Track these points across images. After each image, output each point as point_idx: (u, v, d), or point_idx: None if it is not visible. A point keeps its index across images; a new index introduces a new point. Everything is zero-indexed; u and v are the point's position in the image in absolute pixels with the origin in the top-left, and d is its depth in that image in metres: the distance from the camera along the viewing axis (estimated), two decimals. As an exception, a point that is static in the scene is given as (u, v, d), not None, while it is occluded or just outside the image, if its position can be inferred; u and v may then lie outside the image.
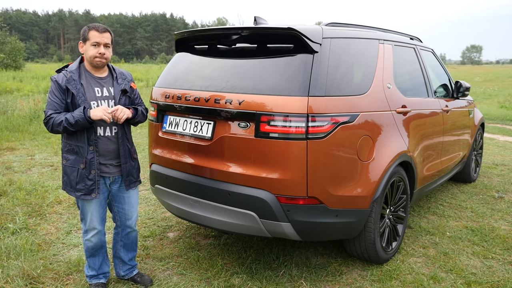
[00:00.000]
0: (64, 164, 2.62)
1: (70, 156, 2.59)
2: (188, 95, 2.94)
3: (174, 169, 3.07)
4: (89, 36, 2.51)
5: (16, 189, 4.80)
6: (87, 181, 2.57)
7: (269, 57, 2.82)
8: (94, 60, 2.53)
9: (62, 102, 2.50)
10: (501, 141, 8.92)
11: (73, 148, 2.57)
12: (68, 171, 2.60)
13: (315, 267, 3.16)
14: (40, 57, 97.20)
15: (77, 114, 2.45)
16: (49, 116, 2.48)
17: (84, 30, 2.55)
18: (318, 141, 2.56)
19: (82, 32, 2.55)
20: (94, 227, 2.69)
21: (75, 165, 2.57)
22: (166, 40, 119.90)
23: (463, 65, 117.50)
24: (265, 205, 2.62)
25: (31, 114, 9.61)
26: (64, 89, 2.50)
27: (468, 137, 5.09)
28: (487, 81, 35.07)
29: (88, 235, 2.72)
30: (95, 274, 2.79)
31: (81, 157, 2.56)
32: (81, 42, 2.56)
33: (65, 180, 2.64)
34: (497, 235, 3.77)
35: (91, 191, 2.58)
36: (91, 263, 2.78)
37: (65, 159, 2.61)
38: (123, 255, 2.89)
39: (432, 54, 4.58)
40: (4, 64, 31.06)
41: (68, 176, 2.61)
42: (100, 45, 2.51)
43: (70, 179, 2.60)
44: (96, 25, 2.53)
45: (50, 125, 2.48)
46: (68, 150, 2.60)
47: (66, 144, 2.61)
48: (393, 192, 3.24)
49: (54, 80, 2.50)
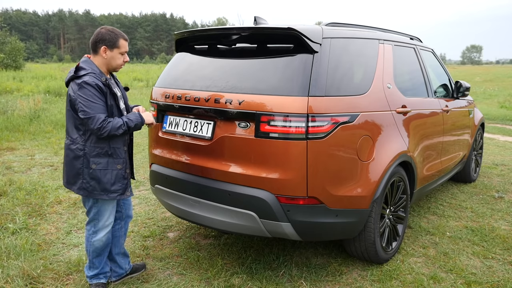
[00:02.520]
0: (93, 169, 2.51)
1: (101, 160, 2.53)
2: (188, 95, 2.94)
3: (174, 169, 3.07)
4: (119, 45, 2.55)
5: (16, 189, 4.80)
6: (123, 180, 2.63)
7: (269, 57, 2.82)
8: (118, 66, 2.61)
9: (105, 105, 2.49)
10: (501, 141, 8.92)
11: (106, 151, 2.53)
12: (99, 175, 2.53)
13: (315, 267, 3.16)
14: (40, 57, 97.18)
15: (135, 118, 2.56)
16: (104, 120, 2.42)
17: (111, 36, 2.52)
18: (318, 141, 2.56)
19: (109, 38, 2.52)
20: (111, 223, 2.73)
21: (109, 167, 2.55)
22: (166, 40, 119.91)
23: (463, 65, 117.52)
24: (265, 205, 2.62)
25: (31, 114, 9.60)
26: (106, 92, 2.49)
27: (468, 137, 5.09)
28: (487, 81, 35.07)
29: (100, 235, 2.70)
30: (96, 274, 2.78)
31: (116, 158, 2.58)
32: (106, 47, 2.52)
33: (93, 185, 2.53)
34: (497, 235, 3.77)
35: (125, 190, 2.65)
36: (97, 263, 2.76)
37: (95, 164, 2.51)
38: (124, 247, 2.94)
39: (432, 54, 4.58)
40: (4, 64, 31.03)
41: (99, 180, 2.53)
42: (125, 53, 2.62)
43: (102, 182, 2.54)
44: (122, 33, 2.58)
45: (109, 129, 2.43)
46: (99, 154, 2.52)
47: (95, 148, 2.51)
48: (393, 192, 3.24)
49: (94, 84, 2.43)
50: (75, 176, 2.57)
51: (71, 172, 2.59)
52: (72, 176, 2.59)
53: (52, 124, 9.15)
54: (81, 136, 2.52)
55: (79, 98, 2.42)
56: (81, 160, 2.52)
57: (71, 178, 2.60)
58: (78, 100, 2.42)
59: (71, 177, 2.60)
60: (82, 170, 2.53)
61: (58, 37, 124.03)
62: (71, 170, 2.58)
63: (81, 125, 2.52)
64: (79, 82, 2.43)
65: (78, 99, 2.42)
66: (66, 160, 2.62)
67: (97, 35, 2.55)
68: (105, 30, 2.56)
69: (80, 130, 2.53)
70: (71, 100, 2.49)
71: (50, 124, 9.09)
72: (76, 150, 2.53)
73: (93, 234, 2.71)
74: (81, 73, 2.47)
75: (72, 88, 2.48)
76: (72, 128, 2.55)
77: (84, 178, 2.54)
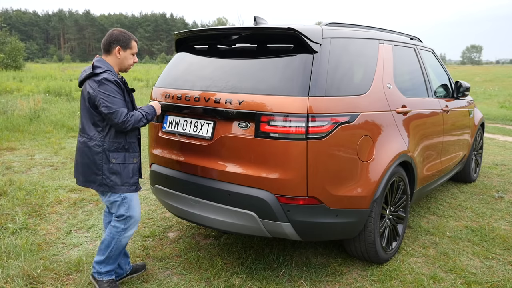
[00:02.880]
0: (113, 163, 2.58)
1: (119, 154, 2.60)
2: (188, 95, 2.95)
3: (174, 169, 3.07)
4: (131, 46, 2.67)
5: (16, 189, 4.80)
6: (138, 173, 2.75)
7: (269, 57, 2.82)
8: (129, 66, 2.71)
9: (124, 100, 2.59)
10: (501, 141, 8.93)
11: (123, 145, 2.62)
12: (118, 169, 2.60)
13: (315, 267, 3.16)
14: (40, 57, 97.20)
15: (150, 111, 2.69)
16: (127, 113, 2.53)
17: (124, 37, 2.64)
18: (318, 141, 2.56)
19: (122, 39, 2.63)
20: (140, 216, 2.77)
21: (127, 161, 2.64)
22: (166, 40, 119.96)
23: (463, 65, 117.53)
24: (265, 205, 2.62)
25: (31, 114, 9.60)
26: (123, 89, 2.59)
27: (468, 137, 5.09)
28: (487, 81, 35.08)
29: (131, 231, 2.74)
30: (109, 270, 2.76)
31: (132, 152, 2.68)
32: (120, 48, 2.62)
33: (113, 180, 2.59)
34: (497, 235, 3.77)
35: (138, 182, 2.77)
36: (114, 259, 2.75)
37: (114, 158, 2.58)
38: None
39: (432, 54, 4.58)
40: (4, 64, 31.03)
41: (120, 174, 2.61)
42: (135, 54, 2.74)
43: (122, 176, 2.62)
44: (133, 36, 2.71)
45: (132, 122, 2.54)
46: (117, 149, 2.60)
47: (113, 143, 2.58)
48: (393, 192, 3.24)
49: (114, 81, 2.51)
50: (95, 173, 2.59)
51: (89, 170, 2.60)
52: (91, 173, 2.60)
53: (52, 124, 9.15)
54: (100, 132, 2.57)
55: (100, 95, 2.48)
56: (100, 156, 2.57)
57: (89, 176, 2.61)
58: (99, 96, 2.48)
59: (89, 175, 2.61)
60: (101, 166, 2.57)
61: (58, 37, 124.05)
62: (90, 168, 2.59)
63: (100, 121, 2.56)
64: (99, 79, 2.50)
65: (99, 95, 2.48)
66: (82, 158, 2.61)
67: (111, 36, 2.63)
68: (118, 31, 2.66)
69: (98, 127, 2.57)
70: (90, 98, 2.53)
71: (50, 124, 9.09)
72: (94, 147, 2.57)
73: (123, 231, 2.71)
74: (98, 71, 2.53)
75: (90, 85, 2.53)
76: (89, 125, 2.59)
77: (104, 174, 2.58)
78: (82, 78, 2.61)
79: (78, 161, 2.67)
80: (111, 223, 2.74)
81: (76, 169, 2.70)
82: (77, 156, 2.67)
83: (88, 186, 2.65)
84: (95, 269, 2.75)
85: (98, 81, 2.49)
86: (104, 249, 2.72)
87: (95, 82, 2.50)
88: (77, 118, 9.96)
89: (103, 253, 2.73)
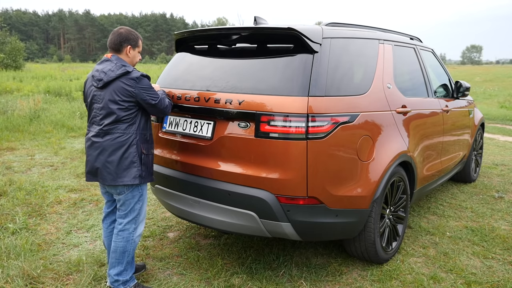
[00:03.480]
0: (144, 154, 2.66)
1: (147, 145, 2.70)
2: (188, 95, 2.95)
3: (174, 169, 3.07)
4: (139, 44, 2.77)
5: (16, 189, 4.80)
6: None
7: (269, 57, 2.82)
8: (135, 64, 2.80)
9: None
10: (501, 141, 8.93)
11: (147, 137, 2.72)
12: (146, 160, 2.68)
13: (315, 267, 3.16)
14: (40, 57, 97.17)
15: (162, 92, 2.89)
16: (163, 97, 2.74)
17: (133, 36, 2.71)
18: (318, 141, 2.56)
19: (132, 38, 2.70)
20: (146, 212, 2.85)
21: (150, 152, 2.73)
22: (166, 40, 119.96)
23: (463, 65, 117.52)
24: (265, 205, 2.62)
25: (31, 114, 9.60)
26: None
27: (468, 137, 5.09)
28: (487, 81, 35.08)
29: (141, 228, 2.79)
30: (132, 274, 2.75)
31: (151, 144, 2.78)
32: (130, 47, 2.69)
33: (144, 171, 2.66)
34: (497, 235, 3.77)
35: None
36: (132, 262, 2.74)
37: (144, 149, 2.66)
38: None
39: (432, 54, 4.58)
40: (4, 64, 31.03)
41: (147, 165, 2.69)
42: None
43: (149, 166, 2.72)
44: (139, 34, 2.79)
45: (167, 103, 2.75)
46: (144, 140, 2.68)
47: (142, 134, 2.67)
48: (393, 192, 3.24)
49: (146, 75, 2.66)
50: (128, 167, 2.59)
51: (122, 164, 2.58)
52: (123, 168, 2.58)
53: (52, 124, 9.15)
54: (131, 125, 2.61)
55: (142, 90, 2.59)
56: (134, 148, 2.61)
57: (123, 172, 2.58)
58: (142, 91, 2.58)
59: (123, 170, 2.58)
60: (136, 158, 2.62)
61: (58, 37, 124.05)
62: (123, 162, 2.58)
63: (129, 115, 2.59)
64: (136, 76, 2.58)
65: (142, 91, 2.58)
66: (113, 156, 2.57)
67: (120, 35, 2.67)
68: (126, 30, 2.70)
69: (130, 120, 2.60)
70: (128, 95, 2.55)
71: (50, 124, 9.09)
72: (127, 140, 2.60)
73: (134, 230, 2.73)
74: (129, 69, 2.60)
75: (126, 83, 2.56)
76: (121, 121, 2.58)
77: (139, 165, 2.63)
78: (111, 78, 2.55)
79: (105, 161, 2.58)
80: (119, 228, 2.71)
81: (103, 170, 2.60)
82: (103, 156, 2.58)
83: (120, 182, 2.59)
84: (119, 282, 2.69)
85: (135, 78, 2.57)
86: (121, 257, 2.69)
87: (132, 80, 2.56)
88: (77, 118, 9.96)
89: (121, 261, 2.69)
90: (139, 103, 2.61)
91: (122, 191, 2.66)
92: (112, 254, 2.71)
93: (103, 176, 2.62)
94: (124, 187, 2.64)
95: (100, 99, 2.59)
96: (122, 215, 2.72)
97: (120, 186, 2.63)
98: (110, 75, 2.56)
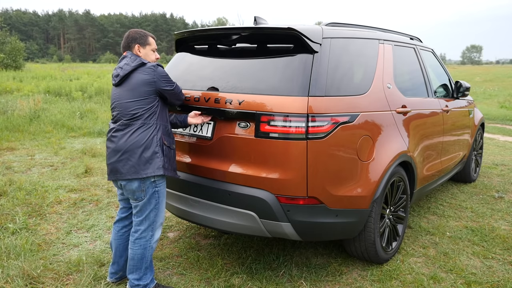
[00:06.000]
0: (166, 146, 2.63)
1: (168, 139, 2.69)
2: (188, 95, 2.95)
3: (174, 169, 3.07)
4: (149, 42, 2.75)
5: (16, 189, 4.80)
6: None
7: (269, 57, 2.82)
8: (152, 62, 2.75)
9: None
10: (501, 141, 8.93)
11: (168, 129, 2.72)
12: (168, 153, 2.66)
13: (315, 267, 3.16)
14: (40, 57, 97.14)
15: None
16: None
17: (140, 35, 2.72)
18: (318, 141, 2.56)
19: (139, 37, 2.71)
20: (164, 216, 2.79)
21: (172, 147, 2.72)
22: (166, 40, 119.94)
23: (463, 65, 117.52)
24: (265, 205, 2.62)
25: (31, 114, 9.60)
26: None
27: (468, 137, 5.09)
28: (487, 81, 35.09)
29: (158, 234, 2.72)
30: (152, 276, 2.73)
31: (173, 138, 2.76)
32: (139, 45, 2.71)
33: (166, 164, 2.62)
34: (497, 235, 3.77)
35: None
36: (151, 265, 2.72)
37: (166, 141, 2.65)
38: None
39: (432, 54, 4.58)
40: (4, 64, 31.00)
41: (169, 158, 2.67)
42: (156, 50, 2.83)
43: (171, 161, 2.69)
44: (149, 33, 2.80)
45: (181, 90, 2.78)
46: (166, 132, 2.68)
47: (164, 126, 2.67)
48: (393, 192, 3.24)
49: (160, 64, 2.69)
50: (151, 158, 2.55)
51: (144, 156, 2.53)
52: (145, 161, 2.53)
53: (52, 124, 9.15)
54: (151, 116, 2.60)
55: (161, 78, 2.61)
56: (156, 139, 2.59)
57: (143, 164, 2.53)
58: (160, 79, 2.61)
59: (143, 163, 2.53)
60: (158, 148, 2.59)
61: (58, 37, 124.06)
62: (145, 153, 2.53)
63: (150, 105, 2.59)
64: (152, 65, 2.62)
65: (160, 78, 2.61)
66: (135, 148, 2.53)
67: (127, 37, 2.72)
68: (133, 31, 2.75)
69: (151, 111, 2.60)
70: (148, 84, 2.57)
71: (50, 124, 9.09)
72: (149, 130, 2.58)
73: (151, 238, 2.68)
74: (144, 61, 2.63)
75: (145, 73, 2.58)
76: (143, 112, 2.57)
77: (161, 156, 2.59)
78: (128, 71, 2.58)
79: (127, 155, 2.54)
80: (135, 236, 2.66)
81: (124, 164, 2.55)
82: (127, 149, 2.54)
83: (141, 175, 2.53)
84: (140, 286, 2.67)
85: (152, 67, 2.60)
86: (139, 263, 2.66)
87: (149, 69, 2.59)
88: (77, 118, 9.96)
89: (139, 267, 2.66)
90: (158, 92, 2.62)
91: (140, 197, 2.58)
92: (130, 262, 2.67)
93: (124, 170, 2.55)
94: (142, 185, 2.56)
95: (120, 93, 2.62)
96: (138, 222, 2.66)
97: (142, 179, 2.55)
98: (126, 68, 2.60)
